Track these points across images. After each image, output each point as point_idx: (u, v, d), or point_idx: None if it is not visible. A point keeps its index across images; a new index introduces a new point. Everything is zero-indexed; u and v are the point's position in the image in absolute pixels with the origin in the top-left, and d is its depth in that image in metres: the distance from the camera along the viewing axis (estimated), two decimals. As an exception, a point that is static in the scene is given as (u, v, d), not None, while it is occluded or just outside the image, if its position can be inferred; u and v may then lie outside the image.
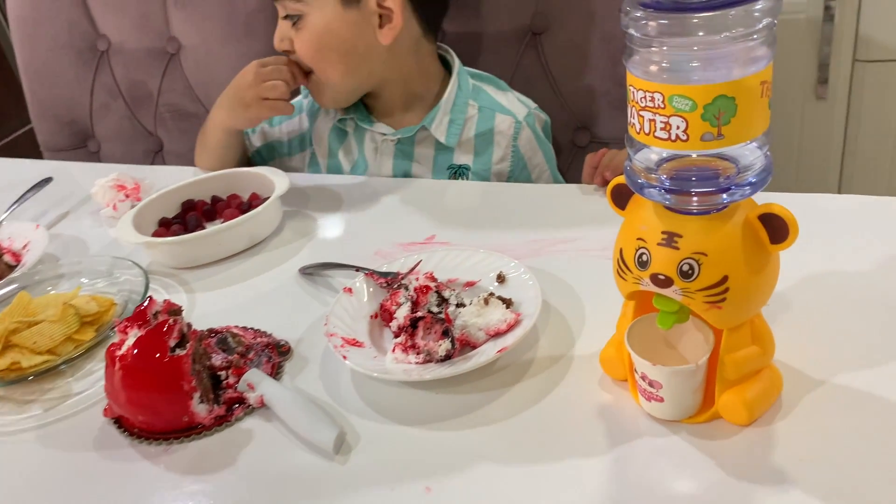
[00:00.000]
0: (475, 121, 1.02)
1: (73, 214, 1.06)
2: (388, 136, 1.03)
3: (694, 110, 0.46)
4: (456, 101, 1.02)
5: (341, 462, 0.58)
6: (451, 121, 1.01)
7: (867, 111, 1.74)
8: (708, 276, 0.50)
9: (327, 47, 0.96)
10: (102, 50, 1.42)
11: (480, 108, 1.03)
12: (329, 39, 0.95)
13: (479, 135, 1.02)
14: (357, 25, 0.95)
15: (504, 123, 1.02)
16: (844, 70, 1.71)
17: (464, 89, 1.03)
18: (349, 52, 0.97)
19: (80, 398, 0.70)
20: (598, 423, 0.58)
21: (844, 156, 1.82)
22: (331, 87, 1.00)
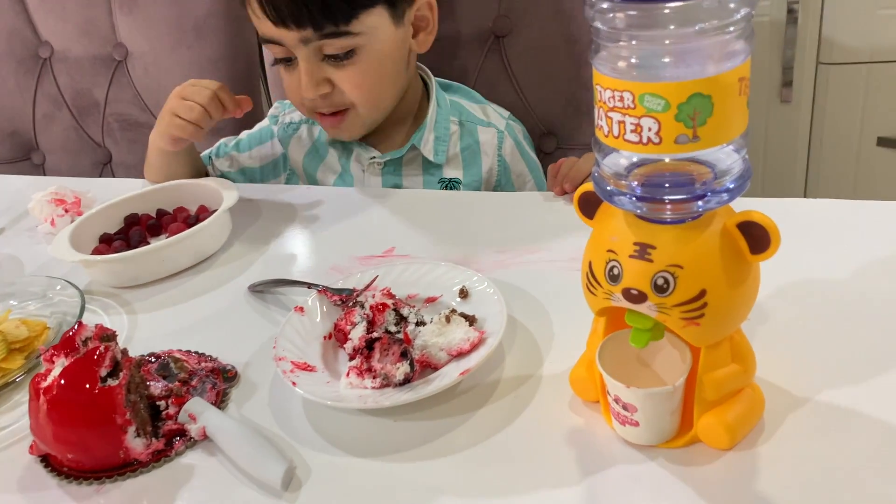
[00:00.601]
0: (458, 136, 0.99)
1: (9, 231, 0.99)
2: (377, 158, 0.98)
3: (667, 110, 0.42)
4: (438, 119, 0.98)
5: (290, 499, 0.53)
6: (436, 138, 0.97)
7: (831, 114, 1.74)
8: (684, 291, 0.46)
9: (383, 72, 0.90)
10: (45, 57, 1.35)
11: (461, 122, 1.00)
12: (387, 64, 0.89)
13: (464, 149, 0.99)
14: (403, 42, 0.90)
15: (487, 135, 0.99)
16: (808, 73, 1.70)
17: (443, 106, 0.99)
18: (399, 73, 0.92)
19: (5, 434, 0.64)
20: (569, 449, 0.54)
21: (810, 159, 1.81)
22: (367, 117, 0.93)
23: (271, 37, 0.86)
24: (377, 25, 0.86)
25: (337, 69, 0.87)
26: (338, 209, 0.92)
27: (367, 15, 0.84)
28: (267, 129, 1.06)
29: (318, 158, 1.02)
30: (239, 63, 1.26)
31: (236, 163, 1.06)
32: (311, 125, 1.03)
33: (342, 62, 0.86)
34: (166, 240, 0.80)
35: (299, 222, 0.91)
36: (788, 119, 1.76)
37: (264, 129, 1.06)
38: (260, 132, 1.06)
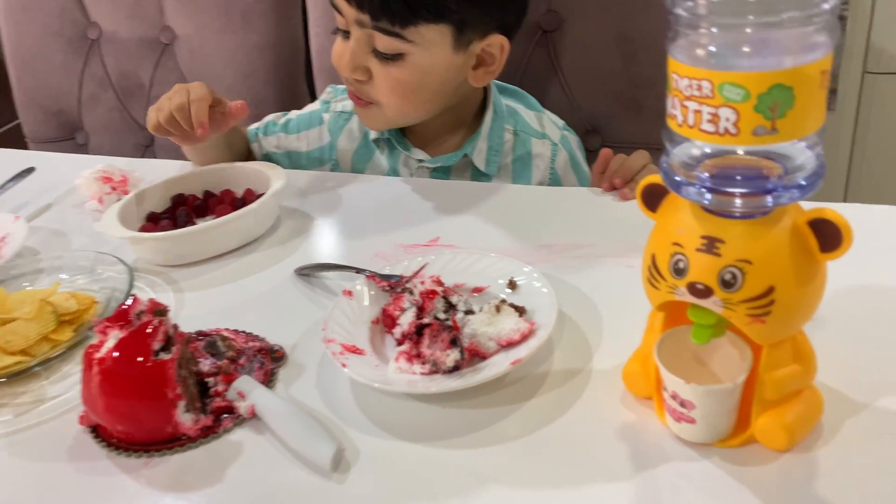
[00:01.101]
0: (511, 145, 0.97)
1: (56, 207, 1.00)
2: (426, 163, 0.97)
3: (747, 100, 0.41)
4: (493, 126, 0.96)
5: (339, 481, 0.53)
6: (489, 147, 0.95)
7: (875, 123, 1.71)
8: (752, 287, 0.45)
9: (423, 87, 0.88)
10: (93, 38, 1.37)
11: (516, 132, 0.97)
12: (429, 80, 0.88)
13: (516, 159, 0.97)
14: (458, 68, 0.89)
15: (541, 147, 0.97)
16: (854, 82, 1.67)
17: (499, 114, 0.97)
18: (439, 92, 0.90)
19: (55, 403, 0.65)
20: (621, 443, 0.53)
21: (851, 167, 1.79)
22: (391, 119, 0.93)
23: (337, 4, 0.85)
24: (435, 42, 0.84)
25: (380, 64, 0.86)
26: (382, 198, 0.92)
27: (427, 28, 0.83)
28: (317, 113, 1.04)
29: (367, 156, 1.02)
30: (284, 50, 1.26)
31: (283, 145, 1.05)
32: None
33: (387, 61, 0.85)
34: (216, 220, 0.81)
35: (343, 209, 0.91)
36: (831, 127, 1.73)
37: (314, 112, 1.05)
38: (310, 115, 1.05)
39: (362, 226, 0.87)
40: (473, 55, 0.88)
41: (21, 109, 1.47)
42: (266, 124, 1.06)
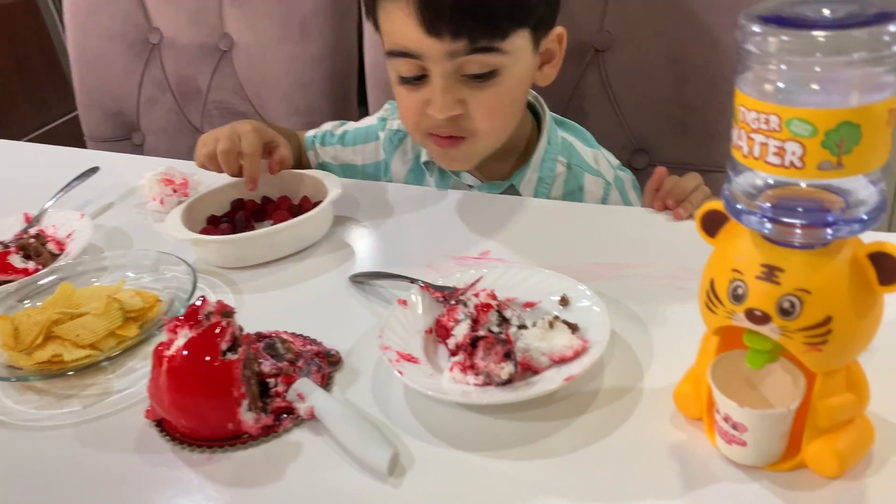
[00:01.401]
0: (563, 178, 0.96)
1: (118, 206, 1.04)
2: (475, 188, 0.98)
3: (814, 136, 0.42)
4: (545, 158, 0.95)
5: (394, 484, 0.55)
6: (539, 179, 0.95)
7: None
8: (810, 316, 0.46)
9: (516, 100, 0.88)
10: (154, 43, 1.41)
11: (569, 165, 0.96)
12: (520, 92, 0.87)
13: (567, 193, 0.96)
14: (533, 72, 0.88)
15: (594, 185, 0.96)
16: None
17: (553, 144, 0.96)
18: (522, 105, 0.89)
19: (121, 397, 0.68)
20: (671, 462, 0.54)
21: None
22: (484, 147, 0.90)
23: (412, 49, 0.81)
24: (522, 48, 0.84)
25: (473, 90, 0.83)
26: (434, 210, 0.94)
27: (516, 35, 0.82)
28: (373, 129, 1.06)
29: (419, 178, 1.03)
30: (339, 63, 1.29)
31: (339, 157, 1.07)
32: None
33: (482, 83, 0.83)
34: (276, 226, 0.83)
35: (396, 219, 0.93)
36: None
37: (371, 127, 1.06)
38: (366, 130, 1.06)
39: (414, 237, 0.89)
40: (544, 52, 0.88)
41: (81, 109, 1.52)
42: (324, 134, 1.08)
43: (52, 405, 0.68)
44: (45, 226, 0.95)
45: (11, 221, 0.96)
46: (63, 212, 0.98)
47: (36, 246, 0.89)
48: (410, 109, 0.87)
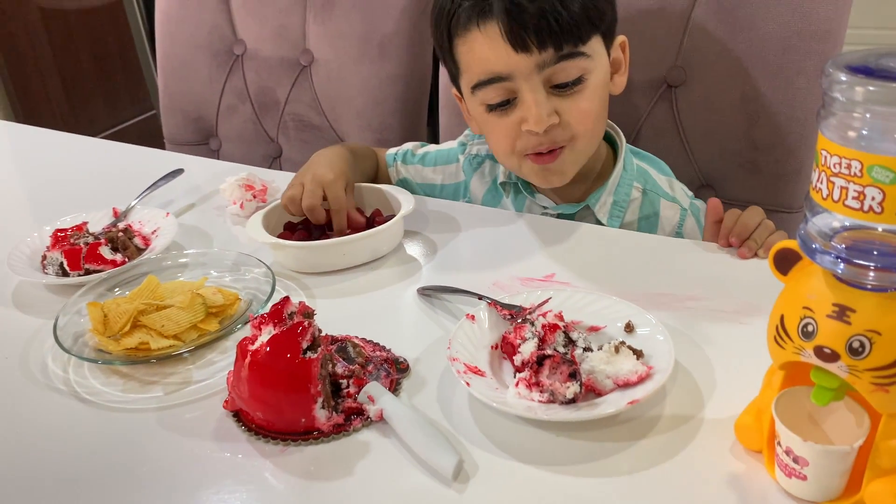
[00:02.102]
0: (639, 204, 0.99)
1: (199, 207, 1.10)
2: (549, 209, 1.01)
3: (894, 183, 0.44)
4: (621, 182, 0.98)
5: (459, 490, 0.57)
6: (614, 202, 0.98)
7: None
8: (880, 356, 0.48)
9: (603, 106, 0.91)
10: (238, 54, 1.48)
11: (645, 191, 0.99)
12: (604, 97, 0.91)
13: (642, 218, 0.99)
14: (608, 78, 0.92)
15: (670, 210, 0.99)
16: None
17: (629, 170, 0.99)
18: (606, 109, 0.93)
19: (200, 387, 0.72)
20: (729, 492, 0.56)
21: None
22: (582, 155, 0.93)
23: (501, 71, 0.86)
24: (599, 52, 0.89)
25: (563, 99, 0.87)
26: (502, 230, 0.97)
27: (593, 39, 0.87)
28: (454, 152, 1.10)
29: (496, 199, 1.06)
30: (413, 83, 1.34)
31: (420, 175, 1.12)
32: (493, 163, 1.06)
33: (571, 90, 0.87)
34: (350, 236, 0.87)
35: (465, 237, 0.96)
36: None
37: (451, 150, 1.10)
38: (448, 153, 1.11)
39: (481, 255, 0.92)
40: (615, 60, 0.92)
41: (164, 112, 1.59)
42: (405, 153, 1.13)
43: (136, 390, 0.72)
44: (132, 221, 1.01)
45: (101, 215, 1.02)
46: (149, 209, 1.03)
47: (123, 239, 0.94)
48: (504, 134, 0.91)
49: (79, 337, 0.77)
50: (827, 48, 1.00)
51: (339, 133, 1.41)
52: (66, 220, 0.99)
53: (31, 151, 1.41)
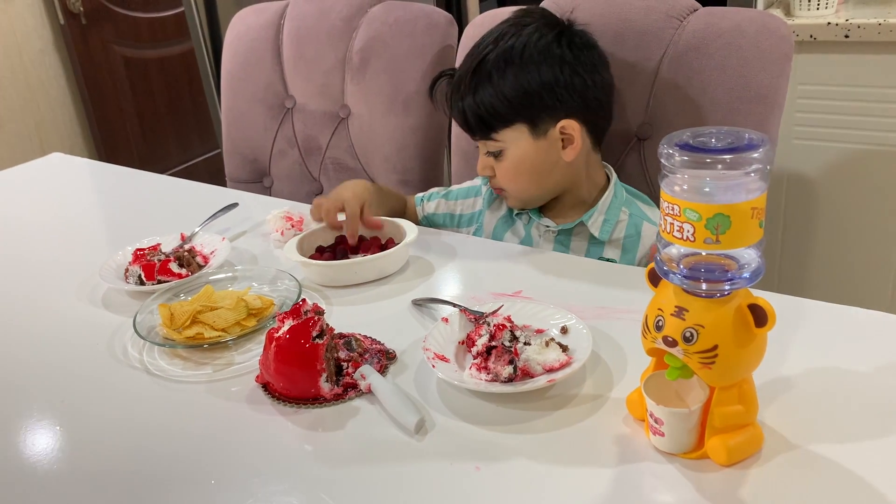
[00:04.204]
0: (625, 224, 1.22)
1: (249, 234, 1.35)
2: (551, 228, 1.25)
3: (699, 221, 0.64)
4: (611, 206, 1.22)
5: (418, 440, 0.79)
6: (605, 220, 1.21)
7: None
8: (703, 343, 0.67)
9: (524, 172, 1.20)
10: (289, 107, 1.74)
11: (631, 215, 1.22)
12: (525, 166, 1.19)
13: (627, 236, 1.21)
14: (546, 151, 1.18)
15: (650, 230, 1.21)
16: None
17: (619, 197, 1.23)
18: (540, 172, 1.20)
19: (239, 367, 0.95)
20: (614, 447, 0.75)
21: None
22: (519, 199, 1.25)
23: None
24: (516, 137, 1.18)
25: (496, 161, 1.21)
26: (487, 257, 1.18)
27: (507, 130, 1.18)
28: (477, 187, 1.36)
29: (509, 224, 1.31)
30: (431, 133, 1.58)
31: (442, 206, 1.38)
32: None
33: (497, 157, 1.20)
34: (361, 258, 1.10)
35: (457, 261, 1.18)
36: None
37: (473, 187, 1.37)
38: (468, 189, 1.37)
39: (467, 275, 1.14)
40: (557, 139, 1.17)
41: (226, 155, 1.87)
42: (430, 194, 1.40)
43: (192, 368, 0.96)
44: (195, 243, 1.26)
45: (171, 238, 1.28)
46: (209, 234, 1.28)
47: (188, 258, 1.19)
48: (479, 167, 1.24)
49: (151, 329, 1.02)
50: (766, 110, 1.20)
51: (370, 174, 1.66)
52: (144, 242, 1.25)
53: (116, 186, 1.70)
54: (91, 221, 1.51)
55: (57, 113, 3.35)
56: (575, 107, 1.17)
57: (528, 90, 1.14)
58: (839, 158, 1.84)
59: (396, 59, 1.55)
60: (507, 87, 1.15)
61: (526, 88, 1.14)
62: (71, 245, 1.38)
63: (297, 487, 0.74)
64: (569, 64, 1.15)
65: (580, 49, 1.17)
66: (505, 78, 1.15)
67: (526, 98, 1.15)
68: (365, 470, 0.76)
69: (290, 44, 1.70)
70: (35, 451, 0.83)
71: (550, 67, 1.15)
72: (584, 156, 1.21)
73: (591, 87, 1.17)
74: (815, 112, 1.83)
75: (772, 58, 1.20)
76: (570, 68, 1.15)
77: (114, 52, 3.46)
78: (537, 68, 1.14)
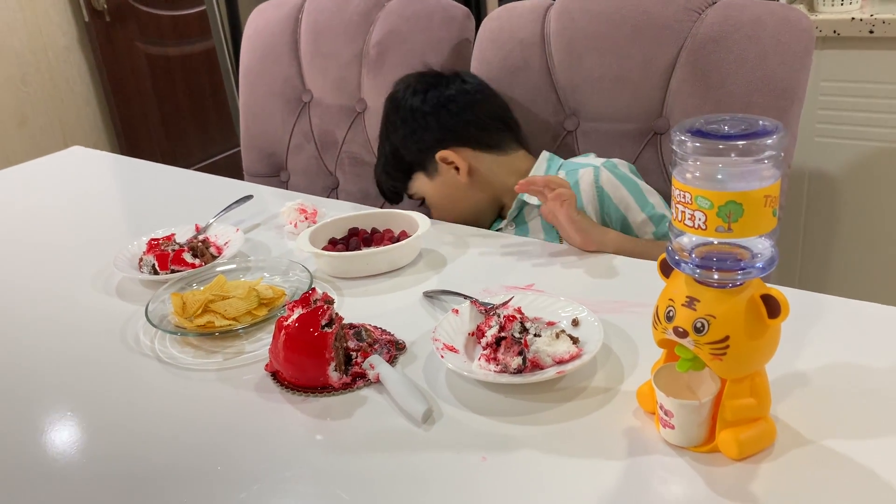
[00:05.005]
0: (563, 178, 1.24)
1: (264, 225, 1.35)
2: (507, 222, 1.33)
3: (711, 208, 0.63)
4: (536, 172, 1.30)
5: (426, 430, 0.78)
6: None
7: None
8: (714, 333, 0.66)
9: (439, 205, 1.38)
10: (306, 102, 1.75)
11: (567, 171, 1.26)
12: (436, 199, 1.38)
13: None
14: (443, 183, 1.35)
15: (586, 174, 1.24)
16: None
17: (552, 166, 1.29)
18: (448, 198, 1.37)
19: (249, 356, 0.95)
20: (624, 439, 0.74)
21: None
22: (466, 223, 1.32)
23: None
24: (421, 182, 1.38)
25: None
26: (500, 251, 1.18)
27: (412, 182, 1.39)
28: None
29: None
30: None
31: None
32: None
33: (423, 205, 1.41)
34: (372, 250, 1.10)
35: (470, 255, 1.17)
36: None
37: None
38: None
39: (479, 269, 1.13)
40: (447, 169, 1.34)
41: (244, 149, 1.88)
42: None
43: (203, 356, 0.96)
44: (209, 234, 1.26)
45: (186, 229, 1.28)
46: (223, 226, 1.29)
47: (202, 248, 1.19)
48: None
49: (163, 318, 1.02)
50: (785, 104, 1.18)
51: (386, 169, 1.66)
52: (159, 232, 1.26)
53: (134, 179, 1.71)
54: (108, 212, 1.52)
55: (81, 109, 3.39)
56: (441, 138, 1.33)
57: (399, 150, 1.38)
58: (862, 157, 1.81)
59: (413, 53, 1.55)
60: (389, 158, 1.40)
61: (398, 148, 1.38)
62: (88, 235, 1.39)
63: (304, 474, 0.74)
64: (415, 110, 1.35)
65: (422, 93, 1.36)
66: (384, 153, 1.42)
67: (399, 156, 1.38)
68: (371, 458, 0.75)
69: (308, 38, 1.71)
70: (47, 433, 0.84)
71: (403, 122, 1.37)
72: (488, 165, 1.33)
73: (446, 116, 1.33)
74: (838, 109, 1.80)
75: (792, 51, 1.18)
76: (419, 112, 1.35)
77: (137, 49, 3.49)
78: (395, 130, 1.38)
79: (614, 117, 1.33)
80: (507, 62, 1.43)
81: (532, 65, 1.40)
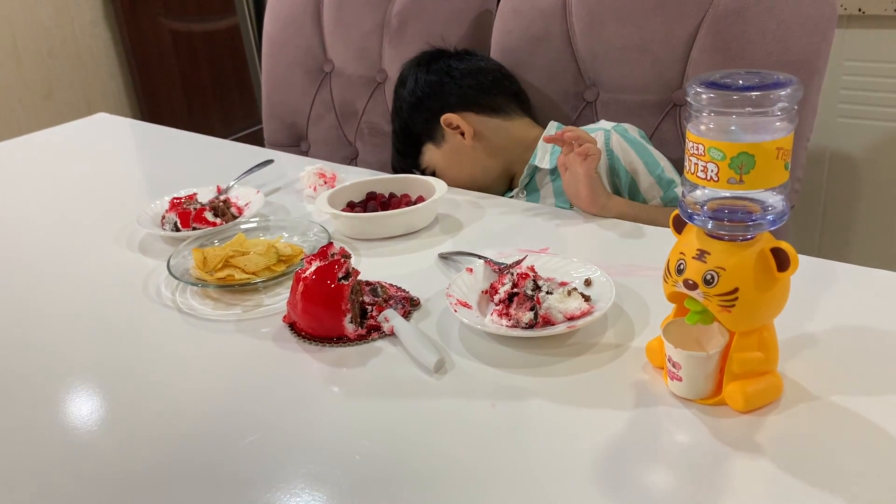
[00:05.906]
0: None
1: (283, 189, 1.37)
2: (518, 189, 1.34)
3: (723, 160, 0.64)
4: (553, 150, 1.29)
5: (438, 379, 0.80)
6: (552, 151, 1.29)
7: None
8: (723, 286, 0.67)
9: (450, 172, 1.38)
10: (327, 72, 1.76)
11: None
12: (449, 166, 1.39)
13: None
14: (452, 150, 1.38)
15: (596, 137, 1.22)
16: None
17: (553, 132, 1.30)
18: (457, 164, 1.39)
19: (268, 308, 0.97)
20: (632, 391, 0.76)
21: None
22: (478, 189, 1.33)
23: None
24: (431, 153, 1.40)
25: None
26: (516, 216, 1.19)
27: (422, 156, 1.42)
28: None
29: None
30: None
31: None
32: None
33: (435, 175, 1.38)
34: (389, 212, 1.12)
35: (486, 220, 1.18)
36: None
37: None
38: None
39: (495, 233, 1.14)
40: (453, 135, 1.36)
41: (265, 119, 1.90)
42: None
43: (222, 308, 0.98)
44: (231, 195, 1.29)
45: (208, 190, 1.31)
46: (244, 188, 1.31)
47: (223, 208, 1.22)
48: None
49: (184, 272, 1.05)
50: (806, 77, 1.18)
51: (405, 139, 1.67)
52: (181, 192, 1.28)
53: (157, 144, 1.74)
54: (132, 175, 1.55)
55: (106, 83, 3.43)
56: (452, 100, 1.36)
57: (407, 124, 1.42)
58: (885, 137, 1.80)
59: (434, 23, 1.56)
60: (399, 134, 1.44)
61: (406, 123, 1.42)
62: (112, 195, 1.42)
63: (318, 419, 0.76)
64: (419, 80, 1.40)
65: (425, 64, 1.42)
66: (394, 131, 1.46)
67: (408, 131, 1.42)
68: (384, 404, 0.77)
69: (331, 7, 1.72)
70: (74, 378, 0.86)
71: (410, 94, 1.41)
72: (494, 130, 1.36)
73: (449, 83, 1.37)
74: (861, 90, 1.78)
75: (814, 23, 1.17)
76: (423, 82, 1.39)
77: (161, 24, 3.52)
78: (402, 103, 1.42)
79: (634, 88, 1.34)
80: (528, 32, 1.43)
81: (553, 35, 1.40)
